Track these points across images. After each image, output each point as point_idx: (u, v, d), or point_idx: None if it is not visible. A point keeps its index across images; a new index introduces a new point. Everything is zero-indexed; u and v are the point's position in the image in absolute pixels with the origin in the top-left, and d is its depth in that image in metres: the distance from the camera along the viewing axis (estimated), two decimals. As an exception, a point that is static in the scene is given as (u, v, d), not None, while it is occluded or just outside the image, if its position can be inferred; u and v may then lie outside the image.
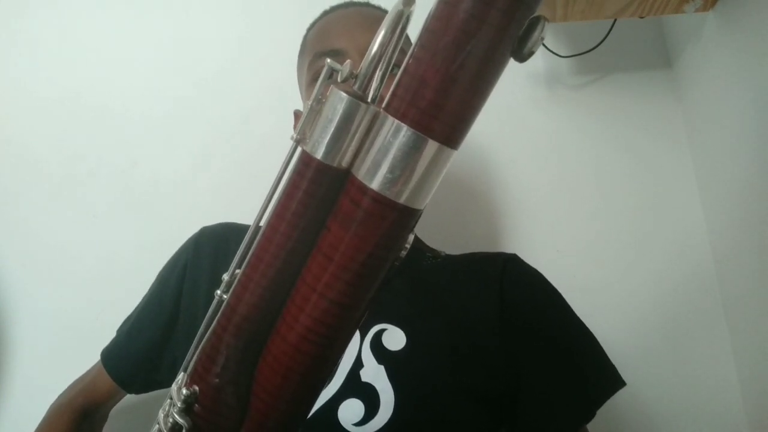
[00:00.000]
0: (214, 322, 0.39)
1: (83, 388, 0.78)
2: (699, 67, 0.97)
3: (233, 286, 0.38)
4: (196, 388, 0.39)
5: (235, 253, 0.79)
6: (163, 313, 0.75)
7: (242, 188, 1.02)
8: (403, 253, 0.34)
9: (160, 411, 0.41)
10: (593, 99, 1.05)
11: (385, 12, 0.76)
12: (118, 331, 0.79)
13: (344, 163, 0.32)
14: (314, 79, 0.72)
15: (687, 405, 0.93)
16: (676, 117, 1.03)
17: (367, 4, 0.77)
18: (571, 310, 0.71)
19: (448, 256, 0.78)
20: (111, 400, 0.79)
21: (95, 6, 1.09)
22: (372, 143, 0.31)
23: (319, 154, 0.32)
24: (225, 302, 0.38)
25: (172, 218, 1.00)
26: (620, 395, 0.67)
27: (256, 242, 0.36)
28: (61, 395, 0.78)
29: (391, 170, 0.31)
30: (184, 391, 0.39)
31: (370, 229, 0.32)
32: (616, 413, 0.91)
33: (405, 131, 0.30)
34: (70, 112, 1.05)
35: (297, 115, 0.83)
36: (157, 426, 0.42)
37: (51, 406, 0.77)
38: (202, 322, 0.70)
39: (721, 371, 0.93)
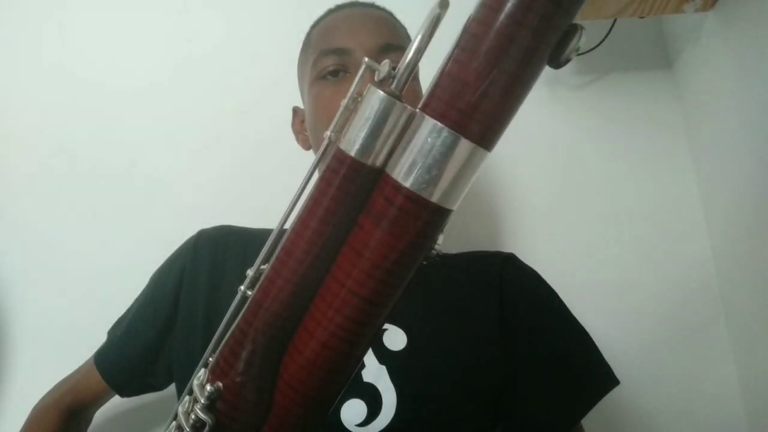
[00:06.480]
0: (238, 318, 0.39)
1: (71, 389, 0.77)
2: (699, 67, 0.98)
3: (259, 281, 0.38)
4: (220, 384, 0.38)
5: (235, 255, 0.78)
6: (159, 316, 0.74)
7: (242, 187, 1.01)
8: (433, 252, 0.34)
9: (179, 407, 0.41)
10: (593, 99, 1.05)
11: (389, 13, 0.77)
12: (109, 333, 0.78)
13: (378, 162, 0.33)
14: (320, 76, 0.71)
15: (687, 406, 0.93)
16: (676, 117, 1.03)
17: (373, 5, 0.77)
18: (567, 309, 0.72)
19: (446, 255, 0.78)
20: (99, 401, 0.78)
21: (95, 6, 1.07)
22: (408, 143, 0.32)
23: (353, 152, 0.32)
24: (250, 298, 0.38)
25: (171, 218, 0.98)
26: (620, 396, 0.68)
27: (284, 238, 0.36)
28: (48, 394, 0.77)
29: (426, 170, 0.31)
30: (208, 387, 0.38)
31: (404, 227, 0.32)
32: (616, 414, 0.91)
33: (442, 132, 0.30)
34: (70, 112, 1.04)
35: (296, 111, 0.83)
36: (175, 422, 0.42)
37: (36, 405, 0.76)
38: (201, 323, 0.70)
39: (721, 372, 0.94)
